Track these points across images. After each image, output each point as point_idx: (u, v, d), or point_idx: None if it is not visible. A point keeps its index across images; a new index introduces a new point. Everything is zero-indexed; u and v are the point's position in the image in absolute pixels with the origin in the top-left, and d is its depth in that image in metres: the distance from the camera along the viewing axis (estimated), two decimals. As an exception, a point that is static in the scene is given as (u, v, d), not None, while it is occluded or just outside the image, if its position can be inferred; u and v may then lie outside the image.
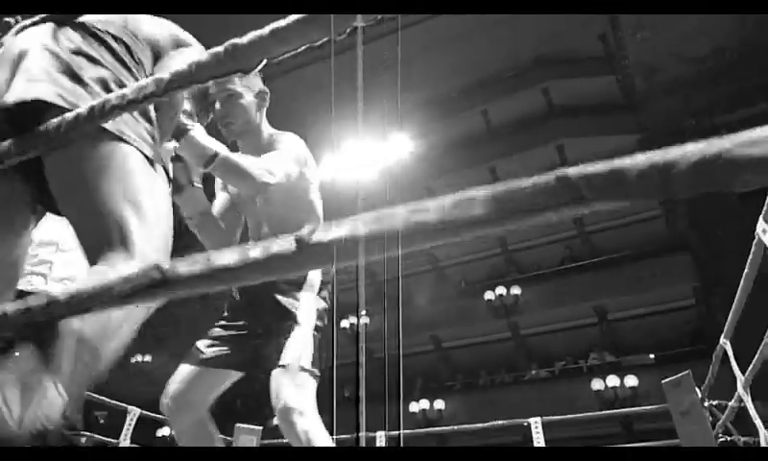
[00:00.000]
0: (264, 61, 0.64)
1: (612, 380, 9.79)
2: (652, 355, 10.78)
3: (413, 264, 12.47)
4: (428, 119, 11.18)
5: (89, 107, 0.68)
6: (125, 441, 3.94)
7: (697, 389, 3.45)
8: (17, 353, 0.62)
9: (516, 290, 11.48)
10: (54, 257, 2.04)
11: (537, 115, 11.44)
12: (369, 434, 4.52)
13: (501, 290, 11.52)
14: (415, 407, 11.08)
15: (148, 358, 13.31)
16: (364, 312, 12.45)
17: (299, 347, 1.60)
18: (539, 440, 3.74)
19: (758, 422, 2.66)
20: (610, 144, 9.81)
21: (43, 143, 0.73)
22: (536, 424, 3.80)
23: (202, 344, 1.70)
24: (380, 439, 4.36)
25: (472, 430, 6.77)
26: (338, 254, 0.48)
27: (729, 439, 3.42)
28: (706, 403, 3.45)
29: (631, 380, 9.67)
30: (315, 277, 1.73)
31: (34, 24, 0.91)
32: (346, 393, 11.63)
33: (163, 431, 11.28)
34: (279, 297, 1.67)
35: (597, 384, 9.91)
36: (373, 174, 10.50)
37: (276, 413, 1.52)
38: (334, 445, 1.55)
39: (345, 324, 12.52)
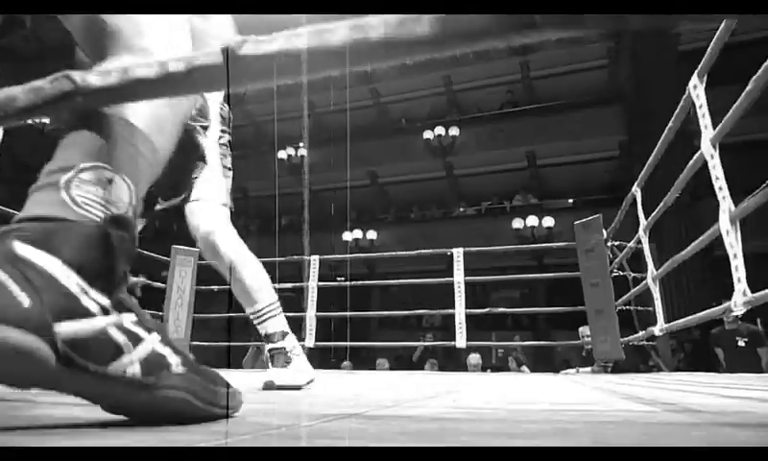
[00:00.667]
0: None
1: (532, 220, 10.62)
2: (571, 200, 11.65)
3: (354, 98, 12.14)
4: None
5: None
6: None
7: (604, 230, 3.83)
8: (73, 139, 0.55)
9: (454, 131, 11.62)
10: None
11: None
12: (305, 258, 4.75)
13: (440, 130, 11.62)
14: (348, 236, 11.63)
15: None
16: (304, 144, 12.29)
17: (207, 182, 1.57)
18: (459, 267, 4.09)
19: (649, 260, 3.04)
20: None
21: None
22: (458, 254, 4.12)
23: None
24: (314, 263, 4.61)
25: (400, 257, 7.27)
26: (272, 70, 0.44)
27: (621, 274, 3.91)
28: (609, 243, 3.86)
29: (548, 221, 10.54)
30: (214, 110, 1.65)
31: None
32: (284, 221, 11.96)
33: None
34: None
35: (517, 223, 10.74)
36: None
37: (198, 241, 1.56)
38: (259, 263, 1.61)
39: (282, 154, 12.39)
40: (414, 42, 0.35)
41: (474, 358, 6.55)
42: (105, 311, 0.50)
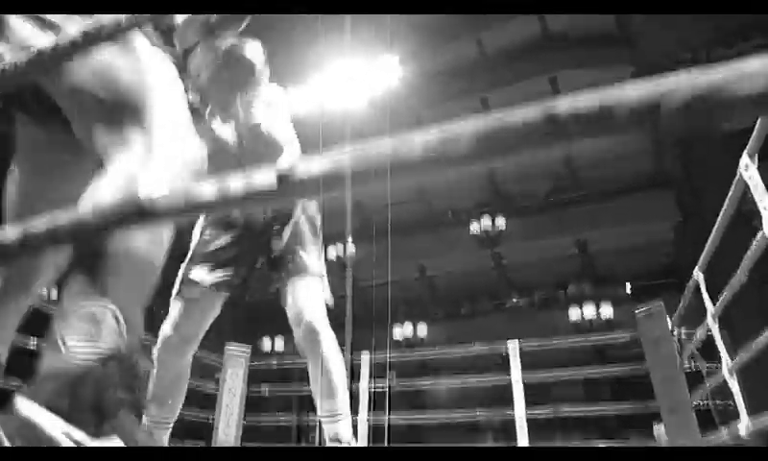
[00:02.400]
0: None
1: (589, 310, 10.17)
2: (629, 287, 11.16)
3: (400, 194, 12.48)
4: (420, 43, 10.81)
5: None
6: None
7: (668, 318, 3.61)
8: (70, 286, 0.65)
9: (501, 221, 11.63)
10: None
11: (531, 45, 11.12)
12: (354, 358, 4.68)
13: (487, 221, 11.66)
14: (398, 333, 11.46)
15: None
16: (350, 240, 12.57)
17: (317, 257, 1.60)
18: (515, 363, 3.91)
19: (722, 349, 2.81)
20: (604, 77, 9.64)
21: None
22: (513, 347, 3.96)
23: (196, 274, 1.58)
24: (364, 360, 4.53)
25: (453, 354, 7.04)
26: (323, 188, 0.47)
27: (695, 366, 3.61)
28: (675, 332, 3.62)
29: (606, 311, 10.06)
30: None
31: None
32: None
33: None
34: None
35: (574, 314, 10.30)
36: (362, 103, 10.26)
37: (303, 325, 1.51)
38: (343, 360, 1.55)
39: (332, 253, 12.65)
40: (453, 159, 0.36)
41: (538, 463, 6.05)
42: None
